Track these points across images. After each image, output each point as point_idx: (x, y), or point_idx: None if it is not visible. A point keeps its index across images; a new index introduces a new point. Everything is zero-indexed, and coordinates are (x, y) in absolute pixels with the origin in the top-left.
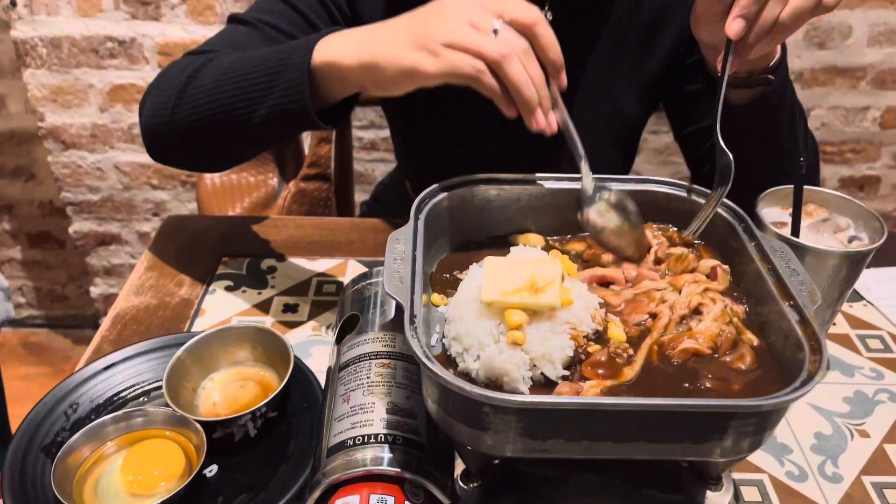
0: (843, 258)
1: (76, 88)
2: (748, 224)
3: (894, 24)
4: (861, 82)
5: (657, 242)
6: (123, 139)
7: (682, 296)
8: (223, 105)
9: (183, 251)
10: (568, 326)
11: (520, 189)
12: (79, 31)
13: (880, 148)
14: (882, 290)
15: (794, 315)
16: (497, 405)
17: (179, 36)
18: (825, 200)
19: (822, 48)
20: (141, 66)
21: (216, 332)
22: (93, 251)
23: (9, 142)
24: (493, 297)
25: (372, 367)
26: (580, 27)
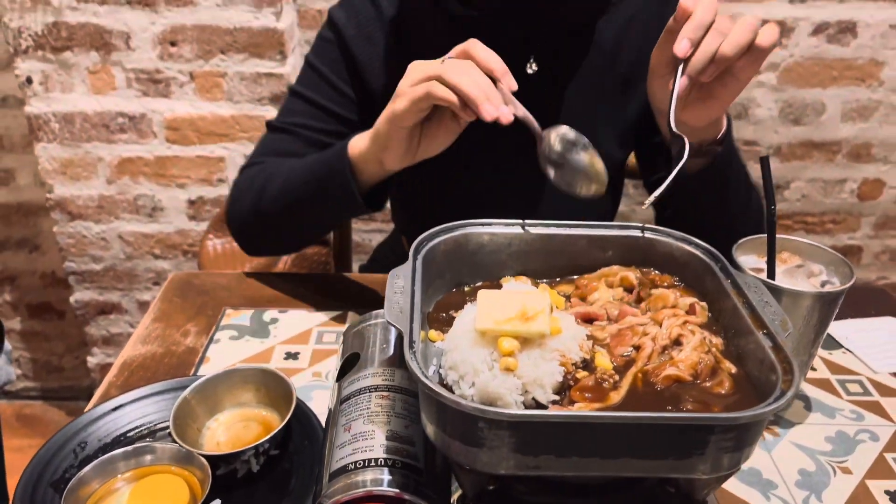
0: (816, 299)
1: (86, 161)
2: (724, 264)
3: (865, 101)
4: (837, 156)
5: (639, 283)
6: (128, 210)
7: (662, 328)
8: (291, 211)
9: (189, 304)
10: (557, 353)
11: (511, 234)
12: (91, 108)
13: (860, 218)
14: (860, 339)
15: (768, 342)
16: (491, 419)
17: (187, 111)
18: (798, 249)
19: (798, 124)
20: (149, 140)
21: (222, 373)
22: (92, 320)
23: (16, 213)
24: (486, 325)
25: (372, 399)
26: (563, 76)
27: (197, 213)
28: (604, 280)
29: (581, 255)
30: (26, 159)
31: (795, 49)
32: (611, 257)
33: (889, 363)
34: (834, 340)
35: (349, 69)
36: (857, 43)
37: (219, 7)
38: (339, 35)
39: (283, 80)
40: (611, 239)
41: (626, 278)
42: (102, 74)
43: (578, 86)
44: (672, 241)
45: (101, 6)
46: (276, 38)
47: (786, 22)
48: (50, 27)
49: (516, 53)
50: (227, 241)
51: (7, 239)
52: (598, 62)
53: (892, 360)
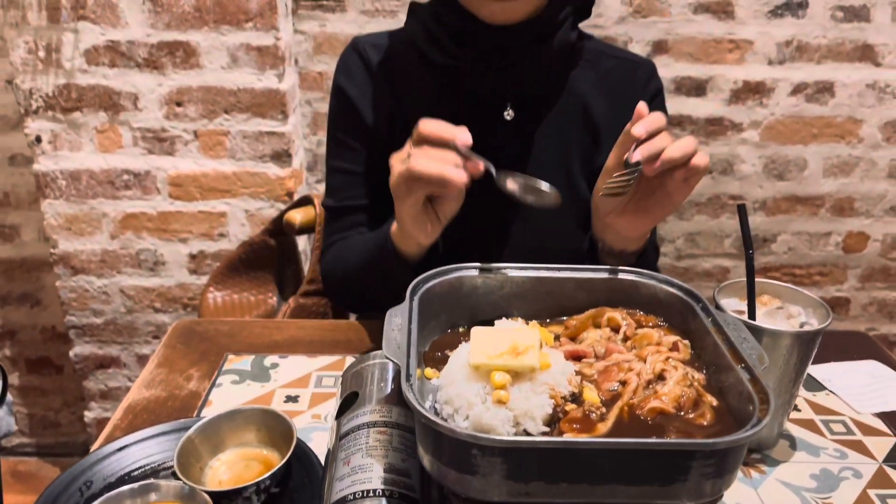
0: (794, 338)
1: (90, 217)
2: (705, 304)
3: (846, 156)
4: (821, 209)
5: (625, 324)
6: (130, 264)
7: (647, 364)
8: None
9: (191, 350)
10: (547, 387)
11: (503, 277)
12: (98, 165)
13: (846, 271)
14: (842, 382)
15: (746, 374)
16: (484, 445)
17: (191, 168)
18: (777, 292)
19: (782, 179)
20: (153, 196)
21: (225, 414)
22: (91, 374)
23: (19, 269)
24: (479, 360)
25: (370, 434)
26: (537, 122)
27: (198, 267)
28: (591, 321)
29: (570, 297)
30: (32, 216)
31: (776, 108)
32: (598, 299)
33: (871, 404)
34: (818, 382)
35: (362, 128)
36: (834, 102)
37: (224, 70)
38: (347, 100)
39: (284, 138)
40: (598, 281)
41: (612, 319)
42: (110, 133)
43: (552, 131)
44: (655, 283)
45: (112, 69)
46: (279, 98)
47: (766, 82)
48: (61, 89)
49: (494, 100)
50: (227, 294)
51: (9, 294)
52: (571, 111)
53: (874, 401)
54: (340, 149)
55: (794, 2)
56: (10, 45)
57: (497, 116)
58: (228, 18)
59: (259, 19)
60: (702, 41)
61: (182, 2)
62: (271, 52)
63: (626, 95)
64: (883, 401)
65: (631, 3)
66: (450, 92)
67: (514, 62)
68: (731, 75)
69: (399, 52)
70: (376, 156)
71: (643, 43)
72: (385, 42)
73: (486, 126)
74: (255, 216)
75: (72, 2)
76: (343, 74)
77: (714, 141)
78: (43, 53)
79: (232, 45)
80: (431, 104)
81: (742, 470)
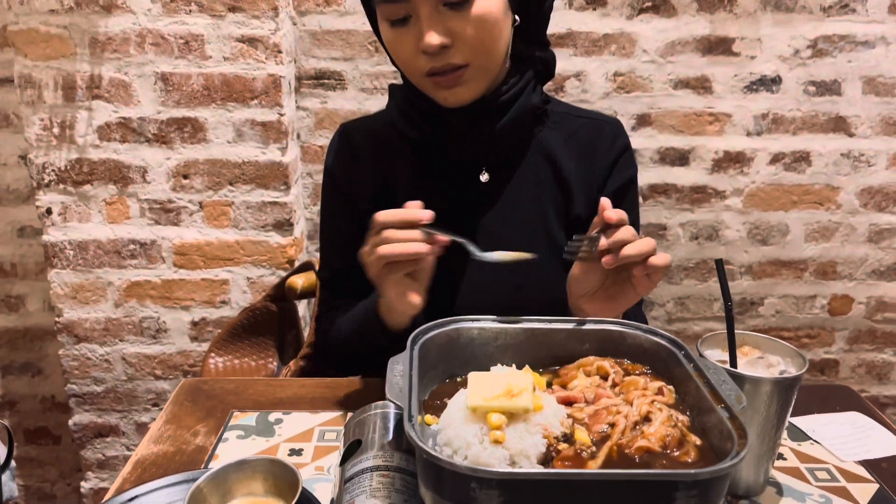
0: (774, 384)
1: (96, 286)
2: (687, 351)
3: (825, 222)
4: (805, 273)
5: (613, 371)
6: (133, 332)
7: (633, 406)
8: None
9: (198, 407)
10: (540, 427)
11: (498, 329)
12: (105, 236)
13: (833, 333)
14: (826, 432)
15: (725, 413)
16: (482, 477)
17: (195, 238)
18: (757, 343)
19: (766, 244)
20: (157, 265)
21: (233, 464)
22: (89, 443)
23: (22, 338)
24: (476, 402)
25: (374, 478)
26: (512, 182)
27: (199, 334)
28: (582, 369)
29: (561, 347)
30: (38, 286)
31: (757, 176)
32: (588, 349)
33: (854, 452)
34: (802, 433)
35: (350, 204)
36: (811, 170)
37: (230, 144)
38: (335, 180)
39: (286, 208)
40: (587, 332)
41: (601, 367)
42: (118, 205)
43: (526, 189)
44: (640, 333)
45: (122, 144)
46: (282, 170)
47: (745, 152)
48: (73, 163)
49: (469, 166)
50: (228, 359)
51: (11, 363)
52: (543, 170)
53: (857, 449)
54: (331, 224)
55: (768, 78)
56: (26, 122)
57: (473, 180)
58: (235, 96)
59: (264, 97)
60: (683, 114)
61: (192, 81)
62: (275, 127)
63: (595, 153)
64: (865, 449)
65: (615, 79)
66: (428, 163)
67: (480, 132)
68: (712, 146)
69: (382, 131)
70: (364, 229)
71: (628, 116)
72: (369, 124)
73: (463, 190)
74: (256, 283)
75: (87, 81)
76: (332, 157)
77: (699, 208)
78: (57, 130)
79: (238, 120)
80: (413, 176)
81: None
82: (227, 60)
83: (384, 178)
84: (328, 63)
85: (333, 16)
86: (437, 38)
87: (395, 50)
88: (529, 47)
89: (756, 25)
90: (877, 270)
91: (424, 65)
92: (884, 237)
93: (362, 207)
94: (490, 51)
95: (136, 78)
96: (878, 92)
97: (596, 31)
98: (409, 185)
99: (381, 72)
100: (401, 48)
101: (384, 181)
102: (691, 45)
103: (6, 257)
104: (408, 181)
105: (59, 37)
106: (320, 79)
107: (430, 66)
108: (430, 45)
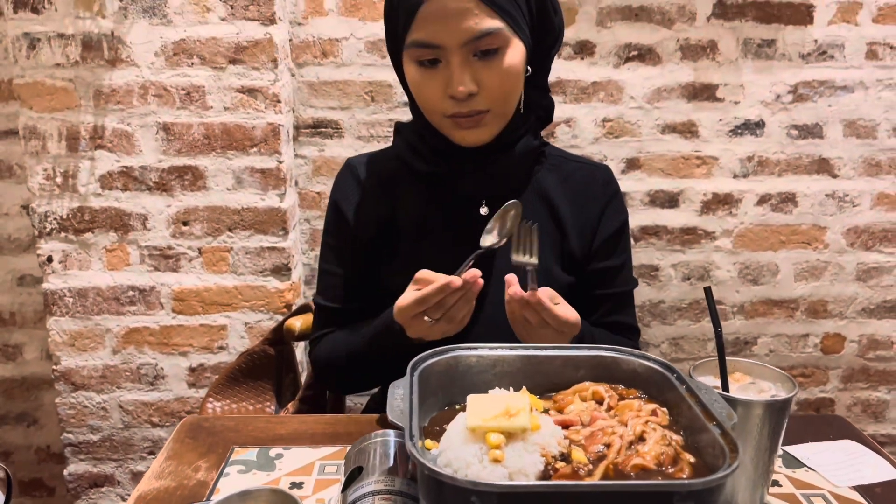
0: (765, 407)
1: (94, 333)
2: (679, 374)
3: (814, 262)
4: (796, 312)
5: (608, 396)
6: (131, 379)
7: (628, 427)
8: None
9: (199, 443)
10: (538, 446)
11: (496, 356)
12: (105, 283)
13: (827, 372)
14: (819, 459)
15: (717, 430)
16: (482, 491)
17: (194, 283)
18: (749, 369)
19: (757, 284)
20: (156, 311)
21: (236, 493)
22: (83, 494)
23: (19, 388)
24: (476, 423)
25: (375, 501)
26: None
27: (197, 380)
28: (577, 395)
29: (557, 373)
30: (35, 334)
31: (745, 217)
32: (583, 375)
33: (848, 478)
34: (797, 460)
35: (352, 236)
36: (798, 211)
37: (229, 191)
38: (340, 212)
39: (284, 253)
40: (582, 359)
41: (596, 392)
42: (118, 252)
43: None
44: (633, 358)
45: (124, 192)
46: (280, 216)
47: (733, 194)
48: (75, 211)
49: (471, 199)
50: (226, 404)
51: (7, 413)
52: (539, 207)
53: (851, 475)
54: (331, 254)
55: (752, 122)
56: (30, 172)
57: (474, 213)
58: (235, 144)
59: (263, 145)
60: (671, 158)
61: (193, 130)
62: (274, 174)
63: (588, 197)
64: (859, 475)
65: (604, 125)
66: (432, 195)
67: (484, 168)
68: (700, 188)
69: (387, 166)
70: (363, 257)
71: (617, 160)
72: (374, 159)
73: (464, 221)
74: (254, 328)
75: (90, 132)
76: (337, 190)
77: (689, 249)
78: (60, 179)
79: (237, 168)
80: (417, 207)
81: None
82: (228, 110)
83: (389, 209)
84: (325, 112)
85: (330, 67)
86: (467, 87)
87: (421, 90)
88: (534, 94)
89: (738, 72)
90: (867, 308)
91: (449, 108)
92: (872, 276)
93: (366, 237)
94: (510, 99)
95: (138, 128)
96: (858, 134)
97: (584, 79)
98: (413, 216)
99: (376, 120)
100: (427, 90)
101: (388, 212)
102: (677, 91)
103: (5, 306)
104: (412, 212)
105: (65, 89)
106: (317, 127)
107: (454, 111)
108: (460, 93)
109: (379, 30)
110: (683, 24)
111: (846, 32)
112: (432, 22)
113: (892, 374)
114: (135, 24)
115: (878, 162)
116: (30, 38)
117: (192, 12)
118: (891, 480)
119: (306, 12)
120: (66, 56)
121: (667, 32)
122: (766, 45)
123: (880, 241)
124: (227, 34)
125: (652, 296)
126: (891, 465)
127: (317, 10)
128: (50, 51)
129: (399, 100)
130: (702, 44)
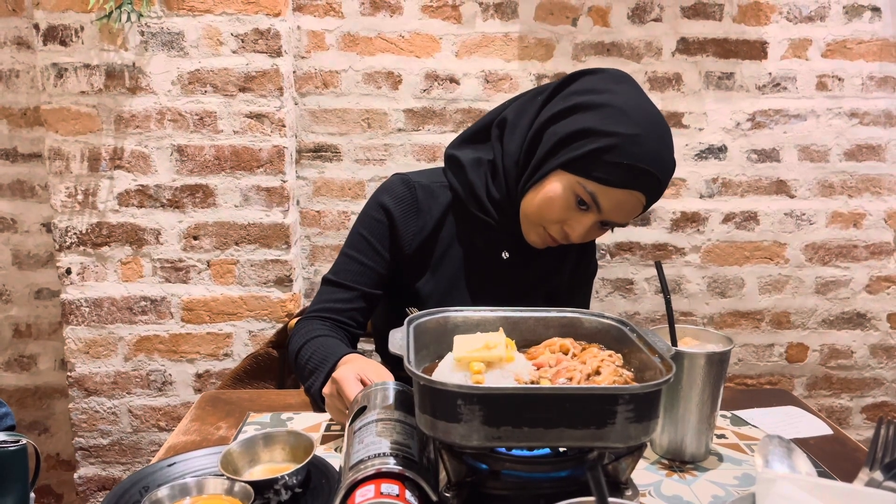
0: (707, 358)
1: (108, 341)
2: (632, 326)
3: (776, 276)
4: (762, 323)
5: (573, 347)
6: (140, 385)
7: (587, 364)
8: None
9: (219, 410)
10: (512, 374)
11: (479, 317)
12: (119, 293)
13: (793, 380)
14: (763, 419)
15: (658, 359)
16: (465, 393)
17: (202, 294)
18: (696, 334)
19: (724, 296)
20: (166, 320)
21: (260, 434)
22: (92, 497)
23: (32, 397)
24: (461, 354)
25: (378, 426)
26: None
27: (203, 386)
28: (548, 348)
29: (531, 331)
30: (50, 345)
31: (712, 234)
32: (552, 332)
33: (785, 432)
34: (742, 420)
35: (391, 238)
36: (760, 228)
37: (236, 208)
38: (389, 215)
39: (286, 265)
40: (551, 319)
41: (563, 345)
42: (133, 265)
43: (538, 267)
44: (594, 317)
45: (140, 209)
46: (283, 231)
47: (700, 213)
48: (93, 227)
49: (495, 246)
50: None
51: (20, 422)
52: (550, 256)
53: (788, 430)
54: (360, 243)
55: (715, 147)
56: (52, 191)
57: (497, 257)
58: (243, 165)
59: (268, 165)
60: None
61: (205, 152)
62: (278, 192)
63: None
64: (796, 430)
65: None
66: (466, 228)
67: (513, 222)
68: (669, 207)
69: (439, 193)
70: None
71: None
72: (427, 182)
73: (489, 263)
74: (257, 336)
75: (111, 153)
76: (389, 195)
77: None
78: (81, 197)
79: (245, 186)
80: (450, 242)
81: (678, 475)
82: (237, 133)
83: (430, 234)
84: (325, 137)
85: (331, 96)
86: (581, 239)
87: (554, 206)
88: None
89: (701, 102)
90: (826, 320)
91: (555, 234)
92: (830, 289)
93: (404, 251)
94: None
95: (154, 150)
96: (812, 158)
97: None
98: (445, 248)
99: (372, 145)
100: (558, 211)
101: (428, 237)
102: None
103: (22, 318)
104: (445, 245)
105: (88, 114)
106: (318, 151)
107: (553, 237)
108: (574, 241)
109: (374, 62)
110: (651, 59)
111: (798, 66)
112: (617, 201)
113: (853, 382)
114: (154, 56)
115: (830, 183)
116: (58, 67)
117: (206, 45)
118: (824, 435)
119: (309, 47)
120: (91, 84)
121: (636, 66)
122: (725, 77)
123: (836, 257)
124: (237, 65)
125: (627, 307)
126: (825, 424)
127: (319, 44)
128: (76, 79)
129: (393, 126)
130: (668, 76)
